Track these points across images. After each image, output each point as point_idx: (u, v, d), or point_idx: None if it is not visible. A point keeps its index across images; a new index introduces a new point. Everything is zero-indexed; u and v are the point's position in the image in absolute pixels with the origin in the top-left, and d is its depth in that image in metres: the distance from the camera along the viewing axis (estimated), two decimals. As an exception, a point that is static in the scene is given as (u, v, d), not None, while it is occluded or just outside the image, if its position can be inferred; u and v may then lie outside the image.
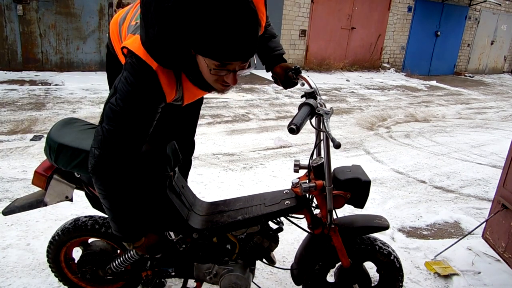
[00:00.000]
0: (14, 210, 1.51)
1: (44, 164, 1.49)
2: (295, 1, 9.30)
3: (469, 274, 2.22)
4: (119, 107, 1.14)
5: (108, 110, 1.16)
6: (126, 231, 1.32)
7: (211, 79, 1.16)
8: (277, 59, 1.68)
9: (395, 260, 1.67)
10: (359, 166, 1.57)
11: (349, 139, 4.79)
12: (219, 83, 1.18)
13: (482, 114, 7.33)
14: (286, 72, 1.64)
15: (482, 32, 13.82)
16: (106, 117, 1.16)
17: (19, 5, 6.34)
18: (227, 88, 1.21)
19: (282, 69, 1.66)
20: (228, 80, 1.14)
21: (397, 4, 11.15)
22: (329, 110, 1.32)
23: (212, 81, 1.17)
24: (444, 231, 2.79)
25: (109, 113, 1.15)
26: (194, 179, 3.17)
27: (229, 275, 1.56)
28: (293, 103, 6.37)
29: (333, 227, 1.51)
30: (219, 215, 1.58)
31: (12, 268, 1.98)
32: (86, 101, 5.38)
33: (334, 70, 10.32)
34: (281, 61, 1.69)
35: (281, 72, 1.66)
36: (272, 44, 1.70)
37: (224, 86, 1.19)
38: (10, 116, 4.42)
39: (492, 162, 4.41)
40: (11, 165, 3.16)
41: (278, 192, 1.62)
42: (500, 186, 2.25)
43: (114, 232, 1.32)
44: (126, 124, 1.15)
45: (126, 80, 1.14)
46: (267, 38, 1.69)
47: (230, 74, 1.12)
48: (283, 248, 2.30)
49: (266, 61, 1.71)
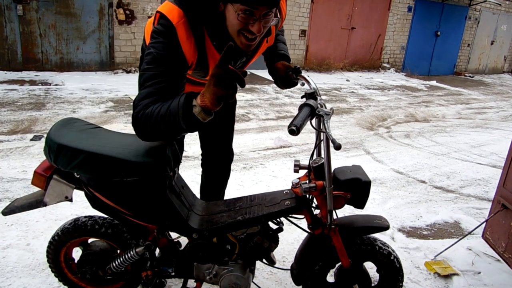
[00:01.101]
0: (14, 210, 1.51)
1: (43, 164, 1.49)
2: (295, 1, 9.30)
3: (469, 274, 2.22)
4: (148, 57, 1.23)
5: (143, 64, 1.27)
6: (188, 129, 1.19)
7: (236, 28, 1.20)
8: (281, 57, 1.69)
9: (395, 260, 1.67)
10: (359, 166, 1.57)
11: (349, 139, 4.79)
12: (243, 36, 1.22)
13: (482, 114, 7.33)
14: (286, 70, 1.64)
15: (482, 32, 13.82)
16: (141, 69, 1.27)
17: (19, 5, 6.34)
18: (250, 43, 1.25)
19: (284, 66, 1.66)
20: (253, 28, 1.19)
21: (397, 4, 11.15)
22: (330, 110, 1.32)
23: (237, 34, 1.22)
24: (444, 231, 2.79)
25: (143, 64, 1.26)
26: (194, 179, 3.17)
27: (229, 275, 1.56)
28: (293, 103, 6.37)
29: (333, 227, 1.51)
30: (219, 215, 1.58)
31: (12, 268, 1.98)
32: (86, 101, 5.38)
33: (334, 70, 10.32)
34: (284, 59, 1.69)
35: (282, 68, 1.66)
36: (280, 46, 1.72)
37: (247, 40, 1.23)
38: (10, 116, 4.42)
39: (492, 162, 4.41)
40: (11, 165, 3.16)
41: (278, 192, 1.62)
42: (500, 186, 2.25)
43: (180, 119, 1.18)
44: (156, 73, 1.21)
45: (153, 34, 1.25)
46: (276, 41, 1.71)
47: (256, 22, 1.18)
48: (283, 248, 2.29)
49: (269, 58, 1.72)
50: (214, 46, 1.31)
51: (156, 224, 1.53)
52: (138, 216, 1.49)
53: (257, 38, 1.25)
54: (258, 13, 1.16)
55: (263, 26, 1.20)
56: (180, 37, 1.23)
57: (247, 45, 1.27)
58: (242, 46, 1.28)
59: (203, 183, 2.17)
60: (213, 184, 2.12)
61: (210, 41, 1.30)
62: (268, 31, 1.37)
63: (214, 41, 1.30)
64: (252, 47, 1.28)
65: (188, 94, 1.15)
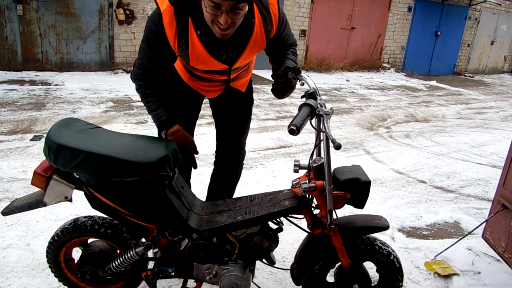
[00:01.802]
0: (13, 210, 1.51)
1: (43, 164, 1.49)
2: (295, 1, 9.30)
3: (469, 274, 2.22)
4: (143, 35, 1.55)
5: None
6: (158, 119, 1.58)
7: (209, 19, 1.37)
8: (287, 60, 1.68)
9: (395, 260, 1.67)
10: (359, 166, 1.57)
11: (349, 139, 4.79)
12: (216, 26, 1.38)
13: (482, 114, 7.33)
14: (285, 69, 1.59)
15: (482, 32, 13.82)
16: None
17: (19, 5, 6.34)
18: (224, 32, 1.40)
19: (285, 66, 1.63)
20: (221, 20, 1.34)
21: (397, 4, 11.15)
22: (329, 110, 1.32)
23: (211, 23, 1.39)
24: (444, 231, 2.79)
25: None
26: (194, 179, 3.16)
27: (228, 275, 1.56)
28: (293, 103, 6.37)
29: (333, 227, 1.51)
30: (219, 215, 1.58)
31: (12, 268, 1.98)
32: (86, 101, 5.38)
33: (334, 70, 10.32)
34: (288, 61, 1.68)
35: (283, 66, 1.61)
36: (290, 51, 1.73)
37: (220, 29, 1.38)
38: (10, 116, 4.42)
39: (492, 162, 4.41)
40: (11, 165, 3.16)
41: (278, 192, 1.62)
42: (500, 186, 2.25)
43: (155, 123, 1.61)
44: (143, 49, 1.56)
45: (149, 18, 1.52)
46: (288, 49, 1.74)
47: (223, 15, 1.32)
48: (283, 248, 2.29)
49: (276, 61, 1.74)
50: (198, 35, 1.47)
51: (156, 224, 1.53)
52: (138, 216, 1.49)
53: (229, 28, 1.39)
54: (223, 7, 1.31)
55: (231, 18, 1.33)
56: (164, 23, 1.45)
57: (222, 34, 1.41)
58: (218, 35, 1.43)
59: (211, 184, 2.16)
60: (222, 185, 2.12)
61: (194, 30, 1.46)
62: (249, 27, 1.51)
63: (198, 30, 1.46)
64: (226, 36, 1.43)
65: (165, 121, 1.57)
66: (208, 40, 1.49)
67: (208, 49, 1.51)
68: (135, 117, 4.84)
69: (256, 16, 1.51)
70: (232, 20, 1.35)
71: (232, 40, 1.51)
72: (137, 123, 4.56)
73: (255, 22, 1.52)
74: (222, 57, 1.58)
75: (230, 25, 1.36)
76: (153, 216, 1.50)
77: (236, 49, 1.57)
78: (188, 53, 1.51)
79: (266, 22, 1.55)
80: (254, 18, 1.51)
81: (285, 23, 1.66)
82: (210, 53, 1.52)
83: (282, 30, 1.66)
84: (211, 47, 1.51)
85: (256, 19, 1.51)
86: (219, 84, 1.78)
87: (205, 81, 1.76)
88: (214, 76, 1.71)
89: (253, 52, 1.64)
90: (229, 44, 1.53)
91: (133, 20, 7.40)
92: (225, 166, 2.06)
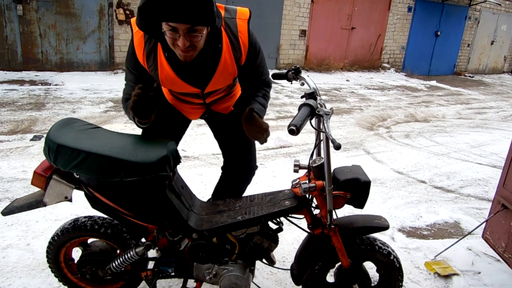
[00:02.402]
0: (13, 210, 1.51)
1: (43, 164, 1.49)
2: (295, 1, 9.30)
3: (469, 274, 2.22)
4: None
5: None
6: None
7: (170, 42, 1.37)
8: (255, 102, 1.62)
9: (395, 260, 1.67)
10: (359, 166, 1.57)
11: (349, 139, 4.79)
12: (177, 49, 1.38)
13: (482, 114, 7.33)
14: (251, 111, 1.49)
15: (482, 32, 13.82)
16: None
17: (19, 5, 6.34)
18: (185, 53, 1.38)
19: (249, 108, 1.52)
20: (179, 43, 1.34)
21: (397, 4, 11.15)
22: (329, 110, 1.32)
23: (173, 47, 1.39)
24: (444, 231, 2.79)
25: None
26: (194, 179, 3.17)
27: (228, 275, 1.56)
28: (293, 103, 6.37)
29: (333, 227, 1.51)
30: (219, 216, 1.58)
31: (12, 268, 1.98)
32: (86, 101, 5.38)
33: (334, 70, 10.32)
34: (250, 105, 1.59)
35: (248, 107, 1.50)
36: (261, 92, 1.68)
37: (182, 51, 1.37)
38: (10, 116, 4.42)
39: (492, 162, 4.41)
40: (11, 165, 3.16)
41: (278, 192, 1.62)
42: (500, 186, 2.25)
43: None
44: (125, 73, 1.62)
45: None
46: (260, 89, 1.68)
47: (180, 38, 1.32)
48: (283, 248, 2.30)
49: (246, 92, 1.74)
50: (165, 57, 1.50)
51: (155, 224, 1.53)
52: (137, 216, 1.49)
53: (190, 51, 1.38)
54: (180, 30, 1.31)
55: (189, 40, 1.34)
56: (135, 43, 1.51)
57: (183, 55, 1.40)
58: (180, 57, 1.43)
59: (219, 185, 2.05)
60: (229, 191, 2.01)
61: (162, 51, 1.49)
62: (217, 52, 1.51)
63: (166, 51, 1.48)
64: (189, 57, 1.42)
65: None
66: (175, 62, 1.51)
67: (175, 71, 1.52)
68: (135, 117, 4.83)
69: (224, 42, 1.51)
70: (191, 43, 1.35)
71: (198, 64, 1.51)
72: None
73: (223, 48, 1.51)
74: (191, 80, 1.57)
75: (189, 48, 1.36)
76: (153, 216, 1.50)
77: (204, 73, 1.56)
78: (158, 73, 1.53)
79: (234, 49, 1.53)
80: (222, 44, 1.50)
81: (258, 53, 1.61)
82: (178, 75, 1.53)
83: (255, 59, 1.61)
84: (179, 69, 1.52)
85: (224, 44, 1.51)
86: (199, 107, 1.78)
87: (185, 103, 1.77)
88: (190, 99, 1.72)
89: (224, 78, 1.61)
90: (196, 67, 1.52)
91: (133, 20, 7.40)
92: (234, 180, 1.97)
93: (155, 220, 1.51)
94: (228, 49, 1.52)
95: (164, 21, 1.30)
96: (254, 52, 1.58)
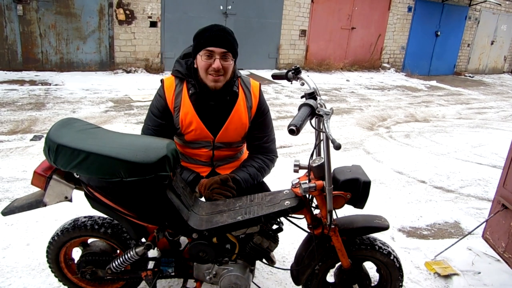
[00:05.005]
0: (13, 210, 1.51)
1: (43, 164, 1.49)
2: (295, 1, 9.30)
3: (469, 274, 2.22)
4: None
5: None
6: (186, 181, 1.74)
7: (204, 69, 1.61)
8: (242, 172, 1.78)
9: (395, 260, 1.67)
10: (359, 166, 1.56)
11: (349, 139, 4.79)
12: (209, 75, 1.62)
13: (482, 114, 7.33)
14: (233, 179, 1.72)
15: (482, 32, 13.82)
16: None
17: (19, 5, 6.34)
18: (216, 78, 1.61)
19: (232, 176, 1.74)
20: (214, 65, 1.59)
21: (397, 4, 11.15)
22: (329, 110, 1.32)
23: (205, 75, 1.63)
24: (444, 231, 2.79)
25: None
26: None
27: (229, 275, 1.56)
28: (293, 103, 6.37)
29: (333, 227, 1.51)
30: (219, 215, 1.57)
31: (12, 268, 1.98)
32: (86, 101, 5.38)
33: (334, 70, 10.32)
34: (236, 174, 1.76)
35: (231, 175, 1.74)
36: (264, 163, 1.86)
37: (213, 76, 1.61)
38: (10, 116, 4.42)
39: (492, 162, 4.41)
40: (11, 165, 3.16)
41: (278, 192, 1.62)
42: (500, 186, 2.25)
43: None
44: (148, 115, 1.79)
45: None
46: (264, 158, 1.87)
47: (216, 60, 1.59)
48: (283, 248, 2.30)
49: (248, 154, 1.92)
50: (189, 94, 1.70)
51: (156, 224, 1.53)
52: (138, 216, 1.49)
53: (221, 76, 1.61)
54: (216, 54, 1.58)
55: (222, 64, 1.59)
56: (165, 85, 1.73)
57: (214, 80, 1.62)
58: (210, 85, 1.63)
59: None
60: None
61: (187, 89, 1.70)
62: (234, 95, 1.72)
63: (189, 89, 1.70)
64: (218, 85, 1.64)
65: (192, 181, 1.75)
66: (197, 101, 1.70)
67: (196, 109, 1.70)
68: (135, 117, 4.84)
69: (240, 90, 1.75)
70: (223, 67, 1.59)
71: (218, 102, 1.70)
72: (137, 123, 4.56)
73: (239, 95, 1.74)
74: (207, 121, 1.72)
75: (221, 73, 1.60)
76: (153, 216, 1.50)
77: (220, 116, 1.73)
78: (179, 114, 1.71)
79: (247, 98, 1.76)
80: (238, 89, 1.74)
81: (267, 112, 1.82)
82: (198, 113, 1.70)
83: (263, 117, 1.80)
84: (199, 108, 1.70)
85: (240, 92, 1.75)
86: (206, 168, 1.89)
87: (193, 163, 1.88)
88: (199, 151, 1.82)
89: (236, 129, 1.75)
90: (215, 106, 1.70)
91: (133, 20, 7.40)
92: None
93: (155, 220, 1.51)
94: (242, 97, 1.75)
95: (207, 46, 1.57)
96: (263, 108, 1.80)
